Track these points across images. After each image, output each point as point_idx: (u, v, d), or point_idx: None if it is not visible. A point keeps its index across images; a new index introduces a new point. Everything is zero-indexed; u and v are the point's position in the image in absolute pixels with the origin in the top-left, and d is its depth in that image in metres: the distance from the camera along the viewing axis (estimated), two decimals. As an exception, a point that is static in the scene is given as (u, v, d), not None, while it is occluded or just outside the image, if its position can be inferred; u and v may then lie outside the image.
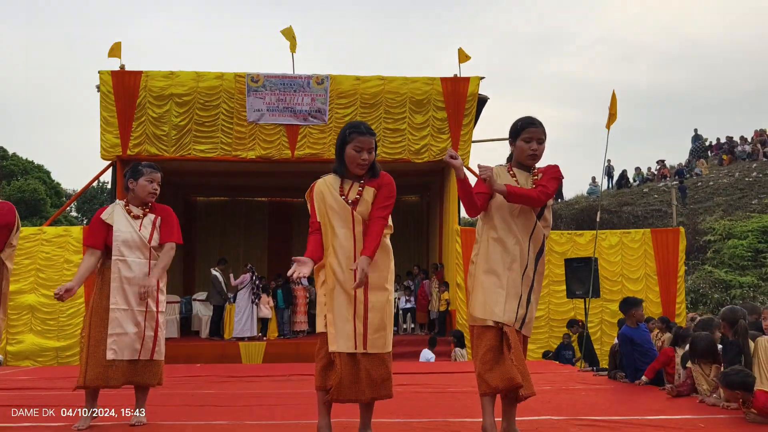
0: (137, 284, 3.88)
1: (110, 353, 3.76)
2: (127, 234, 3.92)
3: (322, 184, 3.31)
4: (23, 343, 11.44)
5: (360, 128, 3.26)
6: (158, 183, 4.07)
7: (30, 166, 34.35)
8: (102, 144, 12.05)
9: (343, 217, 3.21)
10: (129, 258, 3.89)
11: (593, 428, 3.82)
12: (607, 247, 12.50)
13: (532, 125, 3.36)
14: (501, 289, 3.22)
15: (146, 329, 3.90)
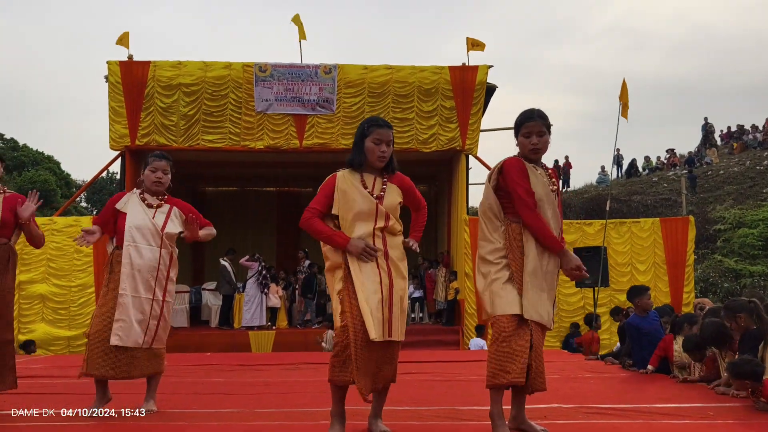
0: (146, 272, 3.90)
1: (114, 339, 3.78)
2: (140, 221, 3.94)
3: (343, 179, 3.28)
4: (35, 332, 11.56)
5: (378, 122, 3.32)
6: (164, 171, 4.04)
7: (40, 157, 34.56)
8: (111, 134, 12.09)
9: (367, 211, 3.22)
10: (141, 245, 3.91)
11: (601, 416, 3.83)
12: (616, 236, 12.46)
13: (529, 119, 3.31)
14: (543, 293, 3.21)
15: (151, 318, 3.91)
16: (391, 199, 3.28)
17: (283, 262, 15.96)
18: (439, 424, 3.63)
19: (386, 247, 3.25)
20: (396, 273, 3.24)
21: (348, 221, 3.23)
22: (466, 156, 12.72)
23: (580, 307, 12.30)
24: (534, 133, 3.30)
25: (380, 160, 3.27)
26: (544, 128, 3.32)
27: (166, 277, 4.00)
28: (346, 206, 3.23)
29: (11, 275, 4.02)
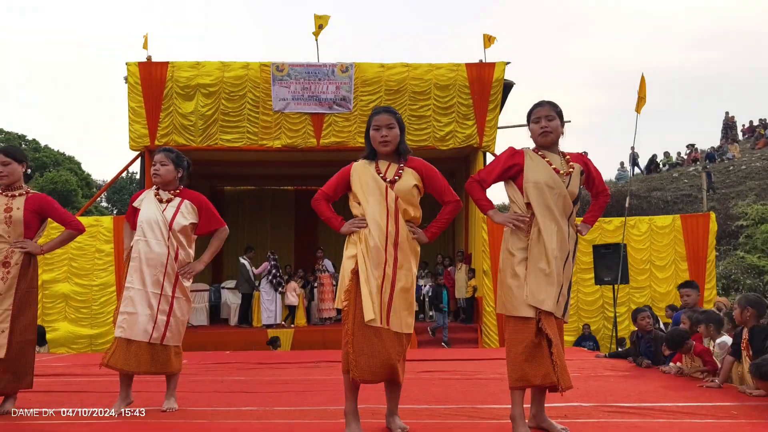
0: (154, 266, 3.92)
1: (118, 331, 3.83)
2: (152, 215, 3.97)
3: (358, 165, 3.39)
4: (58, 331, 11.73)
5: (377, 109, 3.40)
6: (161, 163, 4.07)
7: (61, 157, 34.99)
8: (130, 135, 12.22)
9: (377, 192, 3.25)
10: (150, 239, 3.94)
11: (622, 415, 3.80)
12: (635, 233, 12.35)
13: (537, 106, 3.40)
14: (548, 278, 3.18)
15: (159, 312, 3.91)
16: (404, 183, 3.27)
17: (301, 261, 16.02)
18: (458, 422, 3.62)
19: (398, 236, 3.24)
20: (402, 264, 3.22)
21: (363, 205, 3.30)
22: (483, 153, 12.68)
23: (599, 306, 12.21)
24: (542, 117, 3.35)
25: (382, 144, 3.30)
26: (554, 113, 3.36)
27: (175, 272, 3.99)
28: (361, 190, 3.31)
29: (33, 275, 4.07)
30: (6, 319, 3.86)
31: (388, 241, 3.21)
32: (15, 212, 3.98)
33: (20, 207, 4.00)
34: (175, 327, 3.98)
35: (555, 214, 3.25)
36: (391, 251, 3.21)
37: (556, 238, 3.23)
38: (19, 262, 3.94)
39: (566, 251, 3.26)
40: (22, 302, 3.96)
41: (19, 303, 3.94)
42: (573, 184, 3.32)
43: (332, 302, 12.91)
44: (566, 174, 3.31)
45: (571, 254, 3.31)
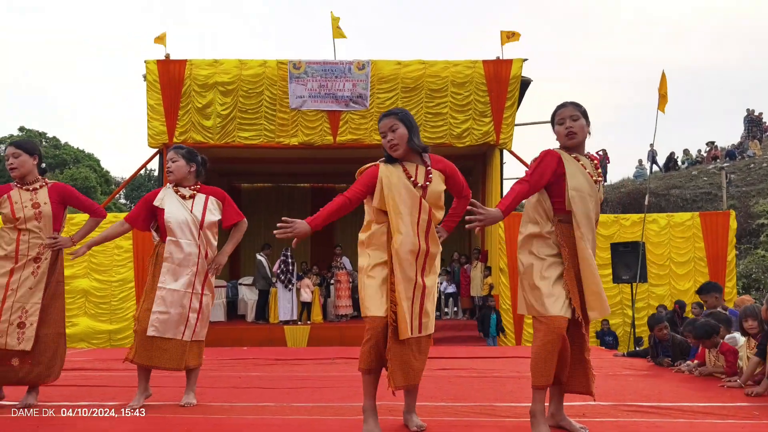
0: (186, 266, 3.96)
1: (151, 330, 3.87)
2: (180, 215, 3.99)
3: (386, 170, 3.24)
4: (78, 326, 11.87)
5: (381, 116, 3.34)
6: (172, 160, 4.08)
7: (81, 154, 35.40)
8: (149, 132, 12.32)
9: (409, 203, 3.19)
10: (181, 240, 3.97)
11: (641, 414, 3.77)
12: (654, 228, 12.24)
13: (560, 107, 3.33)
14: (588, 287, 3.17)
15: (191, 311, 3.96)
16: (435, 188, 3.25)
17: (317, 257, 16.06)
18: (476, 419, 3.61)
19: (428, 242, 3.23)
20: (429, 270, 3.25)
21: (392, 213, 3.19)
22: (500, 150, 12.63)
23: (617, 302, 12.12)
24: (567, 117, 3.27)
25: (392, 149, 3.24)
26: (578, 113, 3.27)
27: (206, 270, 4.04)
28: (392, 200, 3.17)
29: (60, 269, 4.16)
30: (35, 312, 3.93)
31: (420, 252, 3.19)
32: (44, 207, 4.03)
33: (47, 201, 4.05)
34: (201, 323, 4.05)
35: (592, 223, 3.22)
36: (421, 261, 3.21)
37: (592, 246, 3.21)
38: (48, 257, 4.02)
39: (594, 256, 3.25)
40: (52, 295, 4.05)
41: (50, 296, 4.03)
42: (602, 191, 3.32)
43: (348, 299, 12.92)
44: (597, 182, 3.27)
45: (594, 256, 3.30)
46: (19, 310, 3.90)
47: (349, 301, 12.95)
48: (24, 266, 3.97)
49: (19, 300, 3.92)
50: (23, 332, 3.88)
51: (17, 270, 3.96)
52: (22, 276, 3.95)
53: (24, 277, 3.95)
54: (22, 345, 3.87)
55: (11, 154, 4.05)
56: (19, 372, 3.89)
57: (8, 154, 4.07)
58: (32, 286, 3.95)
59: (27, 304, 3.92)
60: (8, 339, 3.87)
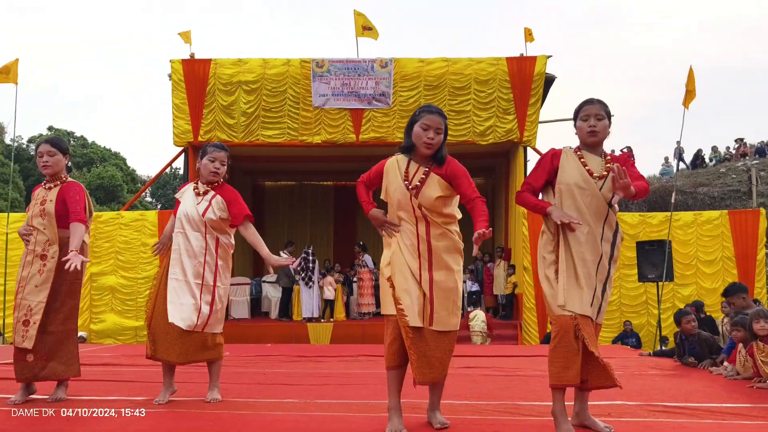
0: (194, 257, 3.98)
1: (179, 323, 3.89)
2: (188, 208, 4.04)
3: (391, 164, 3.35)
4: (105, 322, 12.07)
5: (430, 108, 3.29)
6: (222, 162, 4.08)
7: (108, 153, 35.92)
8: (174, 130, 12.47)
9: (403, 201, 3.26)
10: (188, 232, 4.01)
11: (667, 414, 3.72)
12: (681, 229, 12.07)
13: (587, 104, 3.30)
14: (577, 280, 3.14)
15: (202, 303, 3.97)
16: (428, 193, 3.21)
17: (339, 255, 16.12)
18: (499, 418, 3.59)
19: (429, 238, 3.22)
20: (438, 265, 3.21)
21: (393, 209, 3.32)
22: (524, 148, 12.55)
23: (642, 302, 11.98)
24: (592, 115, 3.26)
25: (426, 146, 3.22)
26: (603, 113, 3.27)
27: (215, 263, 4.05)
28: (389, 193, 3.33)
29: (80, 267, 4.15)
30: (39, 311, 3.92)
31: (420, 245, 3.20)
32: (48, 205, 4.03)
33: (52, 200, 4.04)
34: (215, 315, 4.05)
35: (586, 216, 3.19)
36: (425, 254, 3.20)
37: (586, 239, 3.17)
38: (55, 255, 3.98)
39: (599, 253, 3.19)
40: (64, 294, 4.02)
41: (62, 294, 4.01)
42: (606, 187, 3.22)
43: (371, 297, 12.95)
44: (600, 177, 3.24)
45: (607, 256, 3.23)
46: (25, 308, 3.94)
47: (371, 299, 12.98)
48: (32, 263, 4.00)
49: (26, 297, 3.95)
50: (27, 330, 3.90)
51: (26, 266, 4.01)
52: (30, 273, 3.98)
53: (31, 274, 3.98)
54: (25, 343, 3.90)
55: (46, 152, 4.06)
56: (34, 368, 3.93)
57: (43, 151, 4.07)
58: (38, 284, 3.95)
59: (32, 302, 3.93)
60: (16, 336, 3.94)
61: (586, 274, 3.15)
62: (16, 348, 3.96)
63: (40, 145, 4.15)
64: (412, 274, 3.18)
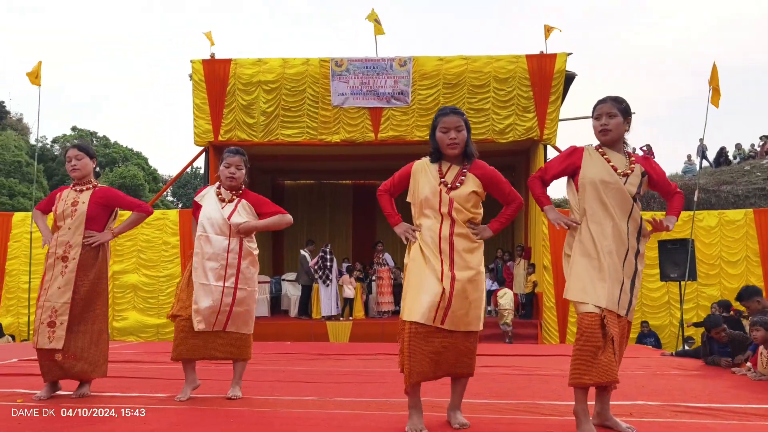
0: (216, 260, 4.02)
1: (198, 325, 3.96)
2: (212, 212, 4.08)
3: (419, 165, 3.37)
4: (127, 320, 12.21)
5: (444, 110, 3.34)
6: (237, 166, 4.12)
7: (130, 153, 36.32)
8: (195, 130, 12.56)
9: (431, 198, 3.25)
10: (211, 235, 4.05)
11: (690, 415, 3.68)
12: (704, 228, 11.90)
13: (599, 103, 3.33)
14: (600, 273, 3.11)
15: (222, 305, 4.01)
16: (463, 189, 3.25)
17: (358, 254, 16.15)
18: (519, 417, 3.58)
19: (452, 236, 3.22)
20: (460, 265, 3.20)
21: (416, 207, 3.33)
22: (544, 146, 12.46)
23: (664, 302, 11.84)
24: (604, 114, 3.29)
25: (451, 147, 3.27)
26: (615, 110, 3.28)
27: (238, 265, 4.08)
28: (416, 192, 3.33)
29: (101, 266, 4.20)
30: (65, 312, 4.00)
31: (443, 244, 3.20)
32: (80, 206, 4.13)
33: (85, 201, 4.14)
34: (239, 316, 4.08)
35: (610, 210, 3.18)
36: (447, 253, 3.19)
37: (611, 233, 3.16)
38: (76, 257, 4.06)
39: (625, 247, 3.17)
40: (89, 294, 4.10)
41: (86, 295, 4.08)
42: (630, 183, 3.23)
43: (390, 296, 12.95)
44: (624, 174, 3.23)
45: (633, 251, 3.20)
46: (49, 310, 4.00)
47: (390, 297, 12.98)
48: (54, 264, 4.07)
49: (50, 299, 4.02)
50: (53, 331, 3.97)
51: (49, 268, 4.09)
52: (53, 275, 4.06)
53: (54, 276, 4.05)
54: (53, 344, 3.96)
55: (74, 156, 4.19)
56: (63, 365, 4.00)
57: (71, 155, 4.20)
58: (61, 286, 4.02)
59: (56, 304, 4.00)
60: (40, 338, 3.99)
61: (613, 268, 3.13)
62: (41, 349, 4.01)
63: (68, 150, 4.27)
64: (434, 272, 3.17)
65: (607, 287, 3.09)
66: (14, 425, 3.30)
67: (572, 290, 3.17)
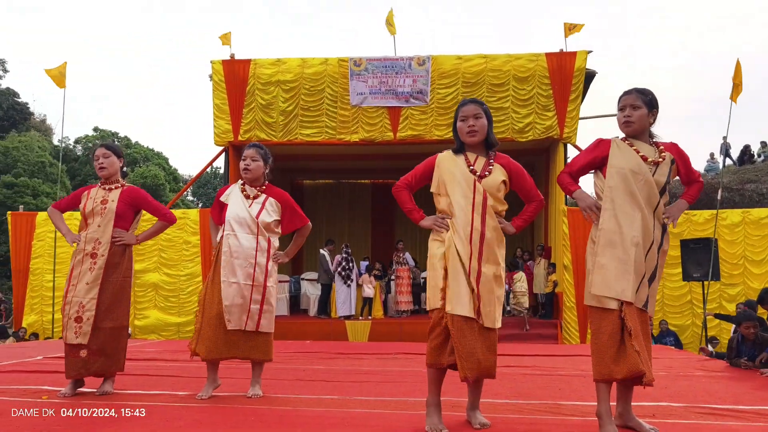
0: (244, 258, 4.05)
1: (228, 324, 3.99)
2: (238, 210, 4.10)
3: (444, 157, 3.36)
4: (148, 318, 12.34)
5: (463, 101, 3.37)
6: (252, 158, 4.16)
7: (150, 153, 36.68)
8: (215, 130, 12.65)
9: (464, 185, 3.23)
10: (238, 233, 4.07)
11: (716, 417, 3.62)
12: (728, 227, 11.73)
13: (625, 94, 3.31)
14: (624, 265, 3.07)
15: (252, 303, 4.04)
16: (493, 178, 3.24)
17: (377, 253, 16.16)
18: (540, 417, 3.55)
19: (484, 225, 3.20)
20: (488, 258, 3.18)
21: (443, 197, 3.29)
22: (564, 145, 12.38)
23: (686, 302, 11.69)
24: (628, 105, 3.26)
25: (470, 134, 3.28)
26: (640, 102, 3.25)
27: (266, 263, 4.12)
28: (445, 181, 3.28)
29: (127, 265, 4.29)
30: (92, 308, 4.07)
31: (474, 235, 3.17)
32: (110, 204, 4.22)
33: (115, 199, 4.23)
34: (266, 315, 4.12)
35: (638, 200, 3.13)
36: (477, 244, 3.17)
37: (639, 224, 3.11)
38: (105, 254, 4.14)
39: (650, 240, 3.13)
40: (115, 291, 4.18)
41: (114, 292, 4.16)
42: (660, 173, 3.18)
43: (409, 295, 12.95)
44: (654, 163, 3.19)
45: (657, 244, 3.16)
46: (76, 305, 4.07)
47: (409, 297, 12.98)
48: (82, 261, 4.15)
49: (77, 295, 4.09)
50: (80, 326, 4.05)
51: (77, 265, 4.16)
52: (81, 271, 4.13)
53: (82, 272, 4.13)
54: (79, 339, 4.04)
55: (102, 155, 4.29)
56: (86, 364, 4.07)
57: (99, 154, 4.30)
58: (89, 282, 4.10)
59: (84, 299, 4.08)
60: (68, 333, 4.07)
61: (638, 260, 3.09)
62: (68, 344, 4.08)
63: (96, 149, 4.36)
64: (462, 265, 3.15)
65: (630, 279, 3.06)
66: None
67: (596, 284, 3.13)
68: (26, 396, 4.06)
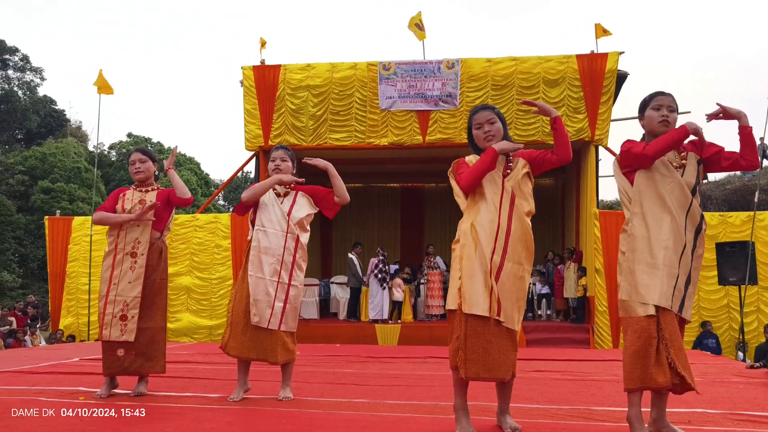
0: (271, 255, 4.08)
1: (253, 318, 4.01)
2: (271, 208, 4.16)
3: (471, 158, 3.41)
4: (181, 321, 12.50)
5: (474, 109, 3.41)
6: (281, 159, 4.26)
7: (182, 158, 37.17)
8: (246, 135, 12.80)
9: (492, 185, 3.24)
10: (268, 229, 4.12)
11: (754, 424, 3.53)
12: (765, 229, 11.45)
13: (660, 94, 3.27)
14: (655, 270, 3.02)
15: (276, 300, 4.06)
16: (516, 173, 3.26)
17: (406, 257, 16.15)
18: (572, 423, 3.51)
19: (510, 222, 3.18)
20: (511, 256, 3.15)
21: (475, 197, 3.28)
22: (595, 147, 12.23)
23: (723, 305, 11.44)
24: (665, 106, 3.22)
25: (487, 140, 3.32)
26: (675, 106, 3.25)
27: (293, 261, 4.14)
28: None
29: (164, 266, 4.41)
30: (136, 306, 4.19)
31: (500, 232, 3.15)
32: (148, 204, 4.31)
33: (152, 200, 4.35)
34: (290, 314, 4.14)
35: (667, 203, 3.08)
36: (501, 242, 3.15)
37: (668, 227, 3.06)
38: (144, 252, 4.25)
39: (681, 243, 3.06)
40: (154, 290, 4.30)
41: (153, 291, 4.29)
42: (688, 173, 3.14)
43: (441, 299, 12.89)
44: (679, 166, 3.15)
45: (690, 246, 3.09)
46: (120, 303, 4.18)
47: (441, 301, 12.93)
48: (122, 260, 4.25)
49: (121, 293, 4.20)
50: (125, 324, 4.16)
51: (117, 265, 4.26)
52: (122, 270, 4.23)
53: (123, 271, 4.23)
54: (125, 336, 4.15)
55: (138, 160, 4.45)
56: (124, 362, 4.17)
57: (135, 159, 4.46)
58: (131, 280, 4.21)
59: (128, 298, 4.19)
60: (112, 330, 4.16)
61: (669, 263, 3.02)
62: (107, 342, 4.18)
63: (132, 154, 4.50)
64: (483, 260, 3.12)
65: (661, 283, 3.00)
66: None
67: (624, 290, 3.09)
68: (63, 397, 4.15)
